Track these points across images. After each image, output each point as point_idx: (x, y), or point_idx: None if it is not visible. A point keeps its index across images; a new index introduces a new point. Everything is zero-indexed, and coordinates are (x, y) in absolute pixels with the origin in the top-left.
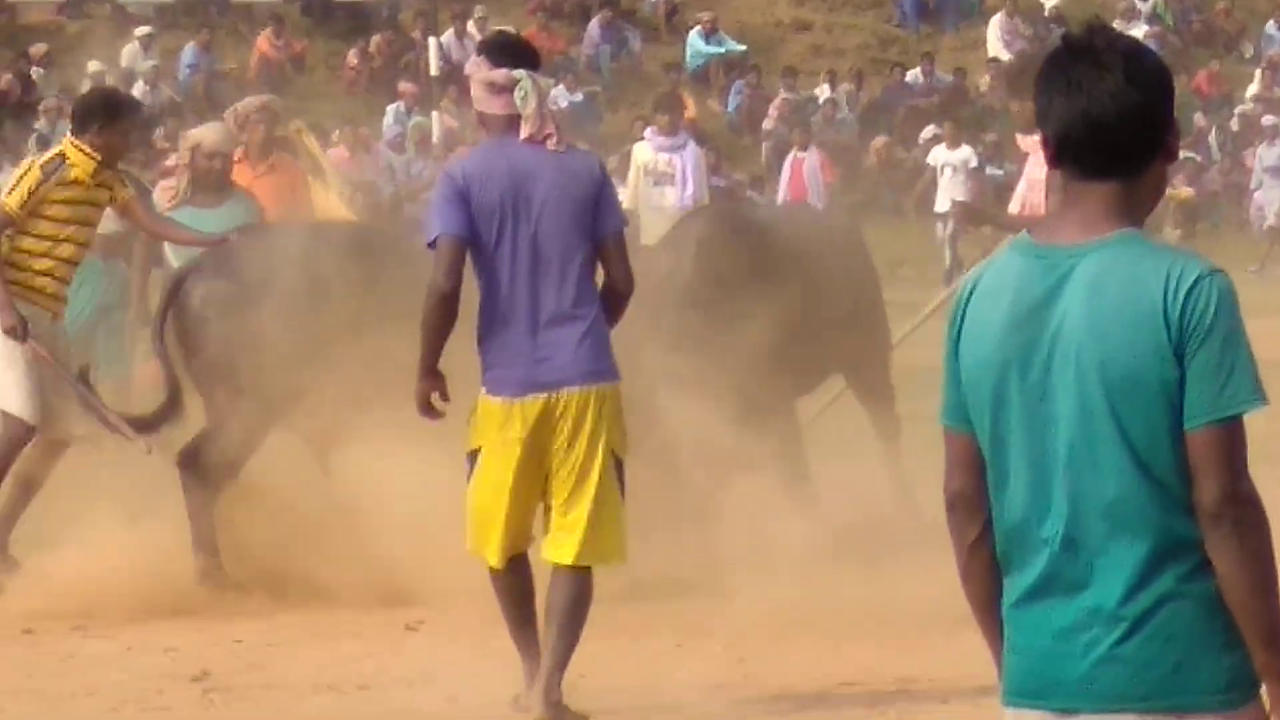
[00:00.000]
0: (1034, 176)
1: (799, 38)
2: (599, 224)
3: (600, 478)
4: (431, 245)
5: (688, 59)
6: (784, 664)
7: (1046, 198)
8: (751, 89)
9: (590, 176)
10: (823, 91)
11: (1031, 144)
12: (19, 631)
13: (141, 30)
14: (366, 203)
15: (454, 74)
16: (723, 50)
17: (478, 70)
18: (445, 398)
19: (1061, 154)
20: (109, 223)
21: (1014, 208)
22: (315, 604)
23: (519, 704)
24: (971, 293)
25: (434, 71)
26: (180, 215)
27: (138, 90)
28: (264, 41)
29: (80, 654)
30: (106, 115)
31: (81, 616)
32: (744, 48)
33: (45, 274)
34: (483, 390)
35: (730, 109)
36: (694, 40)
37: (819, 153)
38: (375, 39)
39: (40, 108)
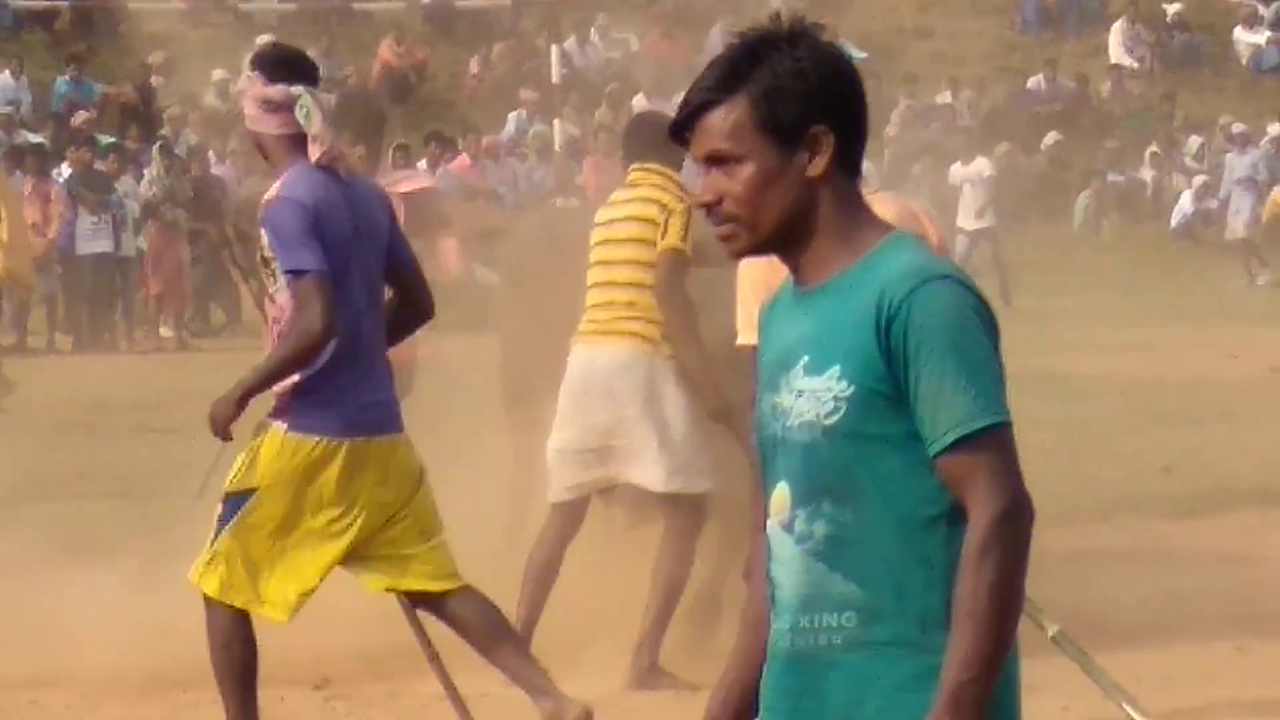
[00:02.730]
0: None
1: (920, 44)
2: (403, 251)
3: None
4: (294, 276)
5: None
6: None
7: None
8: (873, 96)
9: (383, 204)
10: (944, 98)
11: None
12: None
13: (263, 38)
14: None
15: (576, 81)
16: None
17: (251, 87)
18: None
19: None
20: None
21: None
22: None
23: None
24: None
25: (555, 79)
26: None
27: None
28: (386, 49)
29: None
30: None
31: None
32: (865, 54)
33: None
34: (281, 425)
35: None
36: None
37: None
38: (497, 47)
39: (165, 116)
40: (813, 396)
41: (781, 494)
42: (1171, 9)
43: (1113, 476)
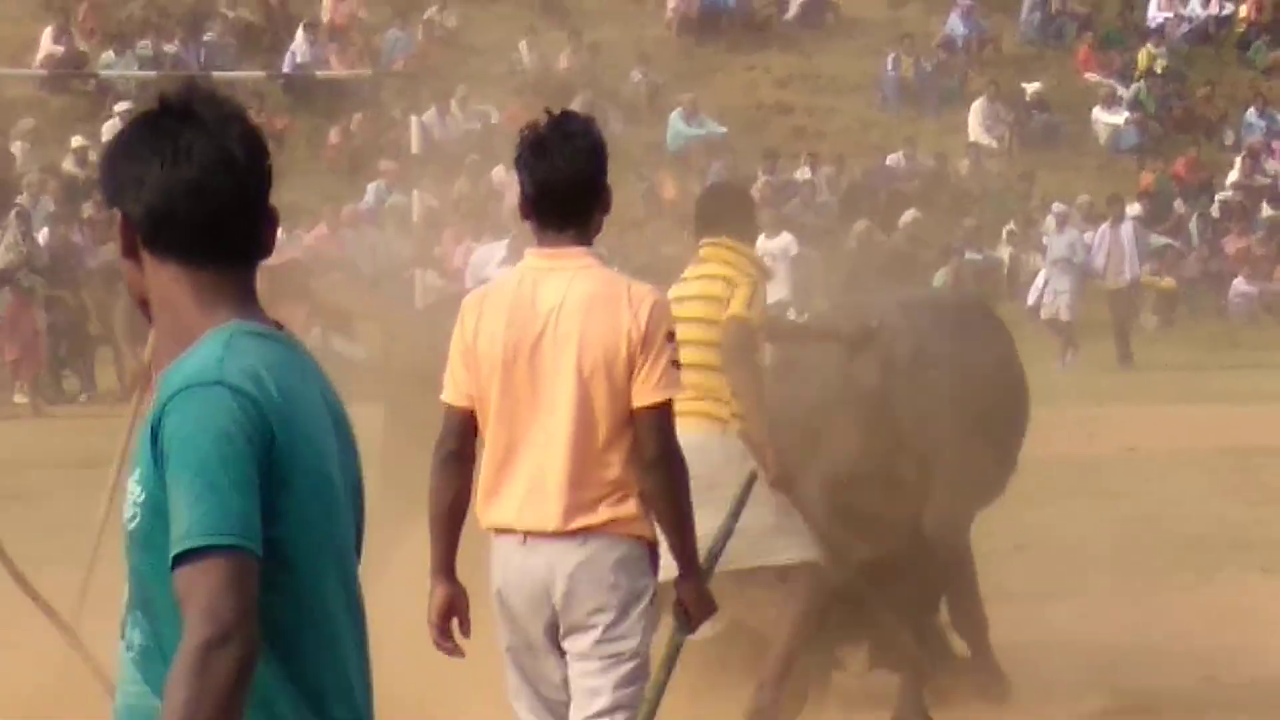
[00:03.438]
0: None
1: (780, 120)
2: None
3: None
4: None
5: (669, 140)
6: None
7: None
8: (730, 171)
9: None
10: (803, 174)
11: None
12: None
13: (121, 105)
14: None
15: (435, 152)
16: (703, 132)
17: None
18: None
19: None
20: None
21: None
22: None
23: None
24: None
25: (415, 150)
26: None
27: None
28: None
29: None
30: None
31: None
32: (724, 130)
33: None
34: None
35: None
36: (675, 121)
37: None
38: (357, 117)
39: (23, 182)
40: (126, 498)
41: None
42: (1031, 88)
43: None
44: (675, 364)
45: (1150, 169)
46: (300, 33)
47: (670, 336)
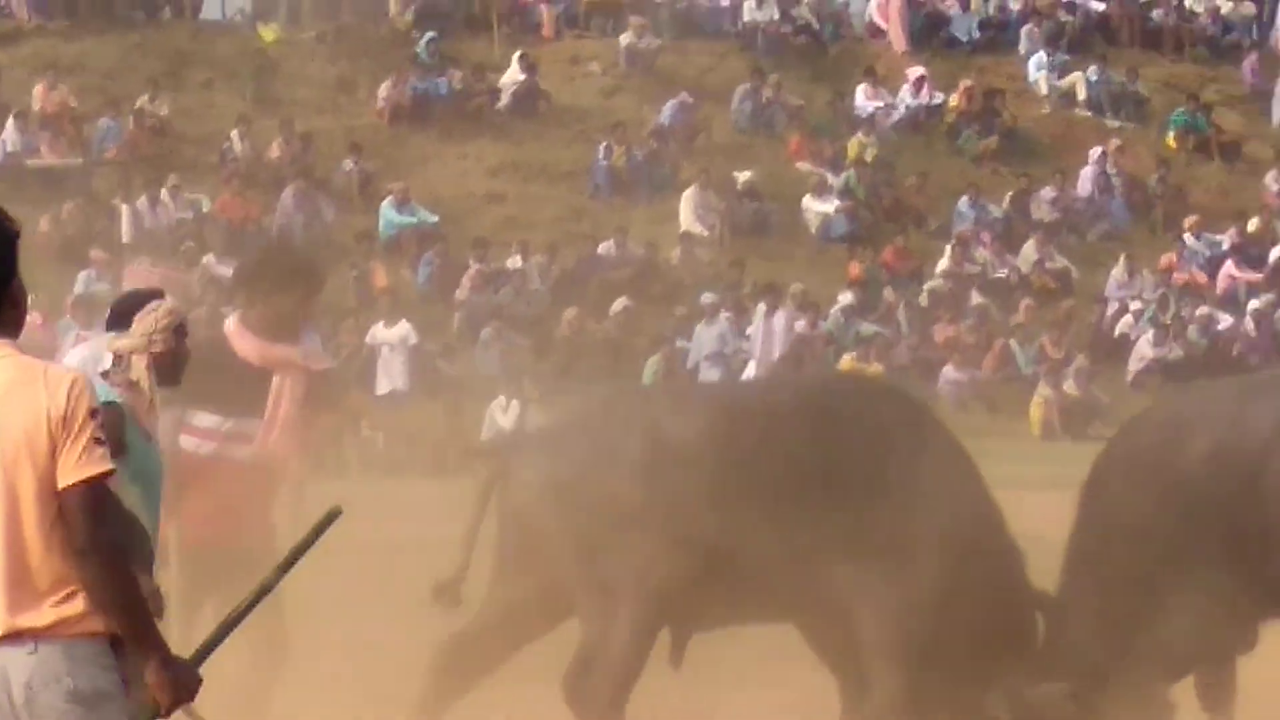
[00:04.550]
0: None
1: (492, 209)
2: None
3: None
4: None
5: (380, 228)
6: None
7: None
8: (442, 259)
9: None
10: (514, 262)
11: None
12: None
13: None
14: None
15: (147, 240)
16: (415, 220)
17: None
18: None
19: None
20: None
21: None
22: None
23: None
24: None
25: (126, 239)
26: None
27: None
28: None
29: None
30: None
31: None
32: (436, 218)
33: None
34: None
35: (421, 279)
36: (386, 210)
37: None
38: (68, 205)
39: None
40: None
41: None
42: (742, 177)
43: None
44: (99, 441)
45: (860, 257)
46: (11, 121)
47: (94, 414)
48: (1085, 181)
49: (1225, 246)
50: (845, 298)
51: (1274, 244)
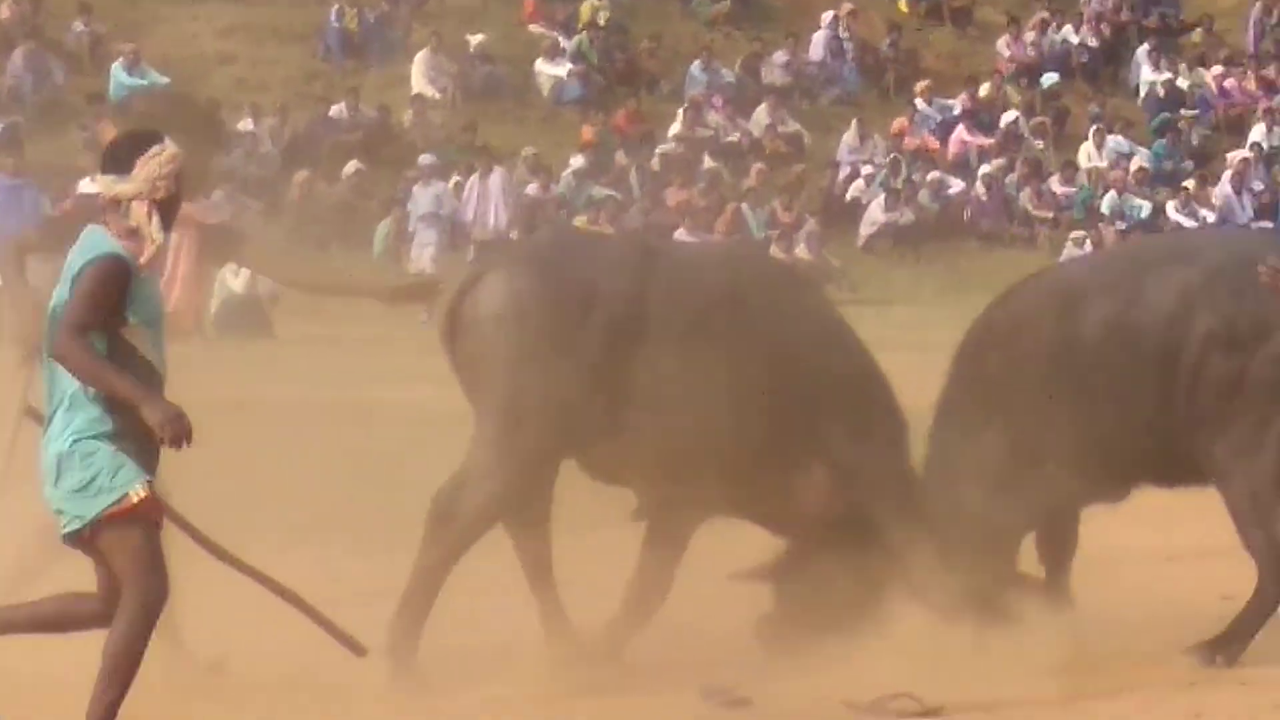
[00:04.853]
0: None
1: (223, 70)
2: None
3: None
4: None
5: (111, 90)
6: None
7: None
8: None
9: None
10: (246, 124)
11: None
12: None
13: None
14: None
15: None
16: (145, 82)
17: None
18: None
19: None
20: None
21: None
22: None
23: None
24: None
25: None
26: None
27: None
28: None
29: None
30: None
31: None
32: (167, 80)
33: None
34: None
35: None
36: (117, 72)
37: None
38: None
39: None
40: None
41: None
42: (475, 40)
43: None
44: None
45: (592, 121)
46: None
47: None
48: (817, 46)
49: (956, 111)
50: (577, 161)
51: (1005, 109)
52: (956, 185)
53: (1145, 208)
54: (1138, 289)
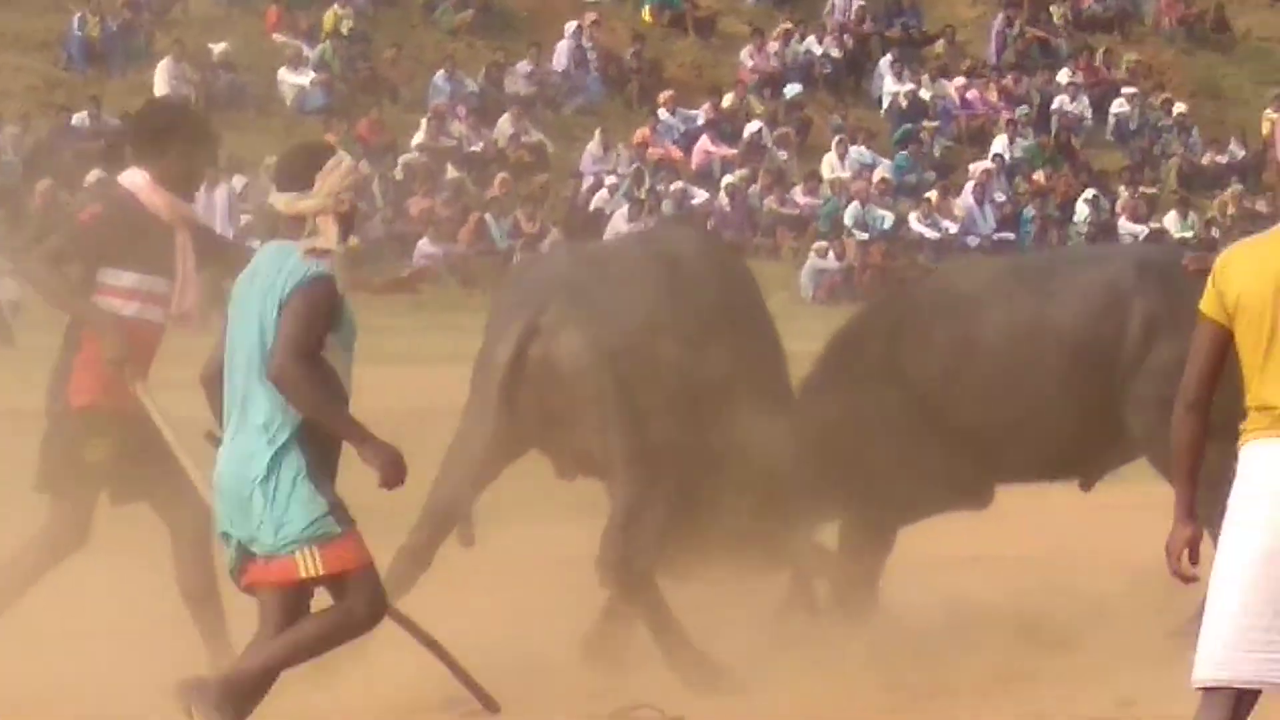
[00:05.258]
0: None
1: None
2: None
3: None
4: None
5: None
6: None
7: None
8: None
9: None
10: None
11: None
12: None
13: None
14: None
15: None
16: None
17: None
18: None
19: None
20: None
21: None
22: None
23: None
24: None
25: None
26: None
27: None
28: None
29: None
30: None
31: None
32: None
33: None
34: None
35: None
36: None
37: None
38: None
39: None
40: None
41: None
42: (217, 49)
43: None
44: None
45: (335, 130)
46: None
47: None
48: (561, 55)
49: (700, 122)
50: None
51: (748, 119)
52: (700, 195)
53: (888, 218)
54: (1054, 289)
